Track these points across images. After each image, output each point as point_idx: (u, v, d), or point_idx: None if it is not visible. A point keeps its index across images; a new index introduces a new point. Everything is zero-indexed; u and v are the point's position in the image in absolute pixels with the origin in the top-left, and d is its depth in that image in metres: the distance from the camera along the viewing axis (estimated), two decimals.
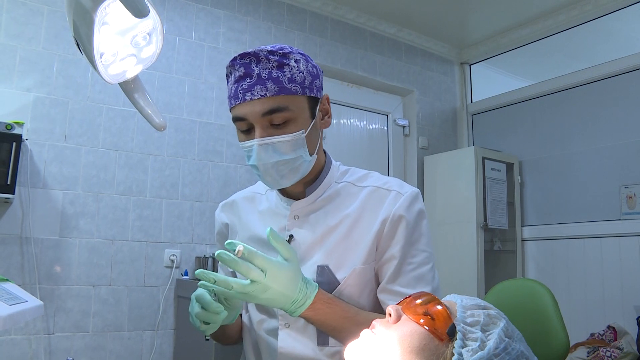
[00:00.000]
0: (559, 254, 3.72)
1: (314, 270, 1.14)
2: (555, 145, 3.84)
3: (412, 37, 4.29)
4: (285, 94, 1.08)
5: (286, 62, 1.10)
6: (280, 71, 1.09)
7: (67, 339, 2.66)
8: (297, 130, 1.10)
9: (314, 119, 1.15)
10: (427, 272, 1.14)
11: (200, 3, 3.29)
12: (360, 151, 3.98)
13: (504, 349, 0.72)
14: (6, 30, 2.66)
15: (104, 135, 2.87)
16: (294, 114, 1.10)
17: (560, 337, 1.43)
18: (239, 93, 1.09)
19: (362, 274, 1.14)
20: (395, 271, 1.13)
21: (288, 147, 1.10)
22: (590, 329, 3.16)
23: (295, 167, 1.12)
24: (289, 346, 1.15)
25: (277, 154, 1.09)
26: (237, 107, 1.11)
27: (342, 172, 1.26)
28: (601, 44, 3.89)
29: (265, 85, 1.07)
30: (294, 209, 1.21)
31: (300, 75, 1.11)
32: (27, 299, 1.13)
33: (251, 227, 1.26)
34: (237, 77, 1.11)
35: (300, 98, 1.11)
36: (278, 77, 1.08)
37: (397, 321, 0.77)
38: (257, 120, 1.09)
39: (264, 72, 1.08)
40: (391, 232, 1.14)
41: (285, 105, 1.08)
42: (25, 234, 2.60)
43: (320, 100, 1.18)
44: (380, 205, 1.17)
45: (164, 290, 2.95)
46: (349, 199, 1.20)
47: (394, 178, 1.25)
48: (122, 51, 0.96)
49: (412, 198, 1.17)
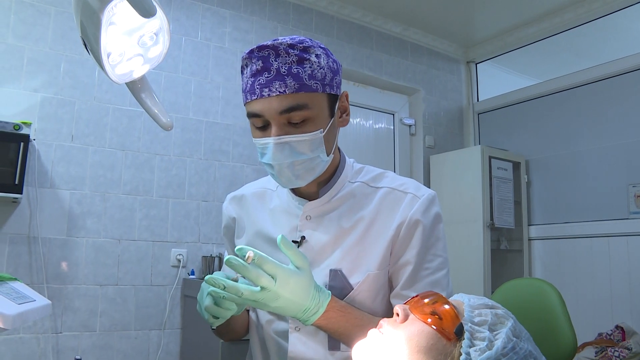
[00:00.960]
0: (566, 253, 3.70)
1: (327, 274, 1.11)
2: (562, 144, 3.82)
3: (418, 36, 4.28)
4: (305, 91, 1.02)
5: (307, 56, 1.04)
6: (300, 66, 1.03)
7: (75, 338, 2.67)
8: (315, 130, 1.05)
9: (332, 118, 1.10)
10: (443, 277, 1.11)
11: (206, 3, 3.29)
12: (367, 150, 3.98)
13: (512, 349, 0.72)
14: (14, 31, 2.67)
15: (111, 135, 2.88)
16: (313, 113, 1.04)
17: (567, 336, 1.43)
18: (256, 88, 1.03)
19: (376, 279, 1.10)
20: (411, 277, 1.09)
21: (306, 146, 1.04)
22: (598, 329, 3.14)
23: (311, 167, 1.07)
24: (299, 350, 1.12)
25: (293, 154, 1.04)
26: (253, 103, 1.05)
27: (356, 171, 1.21)
28: (608, 42, 3.87)
29: (285, 82, 1.01)
30: (307, 210, 1.16)
31: (321, 72, 1.05)
32: (36, 298, 1.13)
33: (260, 225, 1.23)
34: (254, 71, 1.04)
35: (320, 96, 1.05)
36: (298, 73, 1.02)
37: (404, 321, 0.76)
38: (274, 117, 1.03)
39: (284, 67, 1.02)
40: (407, 237, 1.10)
41: (304, 103, 1.02)
42: (33, 233, 2.61)
43: (340, 97, 1.12)
44: (396, 209, 1.13)
45: (171, 289, 2.95)
46: (363, 200, 1.16)
47: (410, 179, 1.21)
48: (129, 51, 0.97)
49: (429, 201, 1.13)
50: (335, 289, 1.09)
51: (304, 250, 1.14)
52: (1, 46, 2.63)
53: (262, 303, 0.95)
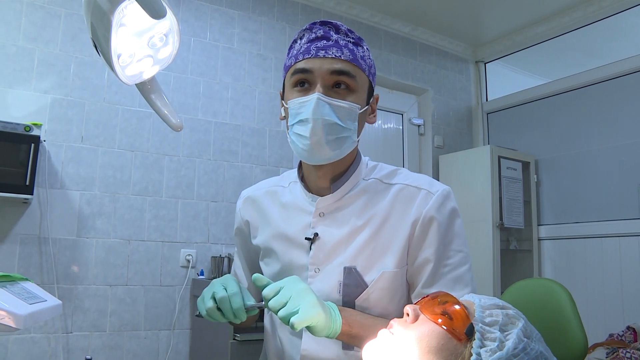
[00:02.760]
0: (576, 253, 3.68)
1: (341, 272, 1.10)
2: (572, 144, 3.80)
3: (426, 35, 4.27)
4: (357, 64, 1.10)
5: (361, 44, 1.13)
6: (355, 47, 1.11)
7: (85, 338, 2.68)
8: (355, 102, 1.09)
9: (367, 106, 1.14)
10: (465, 273, 1.09)
11: (215, 4, 3.30)
12: (376, 151, 3.97)
13: (523, 349, 0.72)
14: (25, 34, 2.69)
15: (120, 136, 2.90)
16: (357, 86, 1.10)
17: (578, 337, 1.42)
18: (312, 49, 1.09)
19: (394, 278, 1.09)
20: (432, 275, 1.08)
21: (344, 113, 1.07)
22: (609, 330, 3.12)
23: (341, 138, 1.08)
24: (312, 349, 1.11)
25: (332, 114, 1.06)
26: (305, 61, 1.09)
27: (370, 168, 1.21)
28: (618, 40, 3.84)
29: (342, 50, 1.09)
30: (320, 206, 1.15)
31: (369, 61, 1.14)
32: (47, 298, 1.14)
33: (275, 224, 1.22)
34: (312, 38, 1.11)
35: (365, 78, 1.13)
36: (354, 50, 1.10)
37: (415, 321, 0.76)
38: (324, 76, 1.07)
39: (342, 41, 1.10)
40: (423, 234, 1.09)
41: (354, 73, 1.09)
42: (43, 234, 2.63)
43: (374, 96, 1.18)
44: (410, 205, 1.12)
45: (180, 290, 2.96)
46: (377, 197, 1.15)
47: (424, 175, 1.21)
48: (139, 52, 0.97)
49: (443, 197, 1.13)
50: (350, 287, 1.09)
51: (317, 247, 1.13)
52: (12, 48, 2.65)
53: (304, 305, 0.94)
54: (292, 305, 0.93)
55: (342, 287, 1.09)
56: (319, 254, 1.13)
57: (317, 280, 1.11)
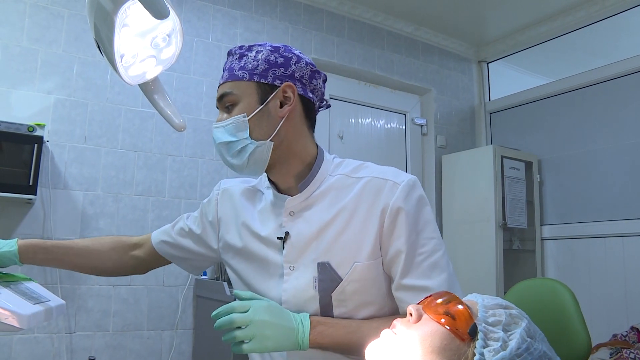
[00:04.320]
0: (580, 253, 3.67)
1: (315, 268, 1.12)
2: (575, 144, 3.79)
3: (429, 35, 4.27)
4: (232, 80, 1.16)
5: (246, 53, 1.18)
6: (237, 62, 1.18)
7: (88, 338, 2.69)
8: (239, 114, 1.14)
9: (262, 105, 1.14)
10: (440, 258, 1.11)
11: (218, 4, 3.30)
12: (378, 151, 3.97)
13: (526, 349, 0.72)
14: (28, 34, 2.70)
15: (123, 136, 2.90)
16: (237, 98, 1.15)
17: (581, 337, 1.42)
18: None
19: (367, 270, 1.11)
20: (406, 265, 1.09)
21: (231, 128, 1.14)
22: (613, 330, 3.11)
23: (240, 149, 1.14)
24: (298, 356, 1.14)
25: (223, 135, 1.15)
26: None
27: (336, 165, 1.23)
28: (622, 40, 3.83)
29: (222, 75, 1.19)
30: (289, 206, 1.19)
31: (253, 64, 1.16)
32: (50, 298, 1.14)
33: (249, 222, 1.25)
34: None
35: (246, 83, 1.15)
36: (233, 67, 1.17)
37: (417, 321, 0.76)
38: (217, 105, 1.19)
39: (227, 64, 1.20)
40: (392, 225, 1.11)
41: (230, 91, 1.15)
42: (47, 234, 2.63)
43: (279, 88, 1.15)
44: (377, 197, 1.13)
45: (183, 290, 2.97)
46: (344, 191, 1.17)
47: (390, 167, 1.22)
48: (142, 53, 0.97)
49: (409, 187, 1.14)
50: (325, 282, 1.11)
51: (290, 245, 1.16)
52: (15, 49, 2.66)
53: (258, 336, 1.01)
54: (248, 332, 1.02)
55: (317, 282, 1.12)
56: (292, 252, 1.16)
57: (293, 278, 1.14)
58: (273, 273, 1.18)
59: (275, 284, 1.17)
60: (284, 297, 1.15)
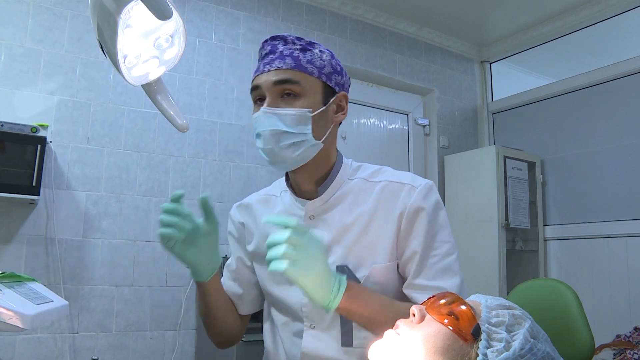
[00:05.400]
0: (583, 253, 3.66)
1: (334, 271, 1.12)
2: (578, 144, 3.78)
3: (431, 35, 4.27)
4: (300, 70, 1.13)
5: (310, 48, 1.17)
6: (302, 53, 1.15)
7: (91, 338, 2.69)
8: (303, 107, 1.12)
9: (325, 106, 1.16)
10: (453, 262, 1.13)
11: (220, 4, 3.30)
12: (381, 151, 3.97)
13: (530, 350, 0.72)
14: (31, 35, 2.70)
15: (126, 136, 2.91)
16: (303, 90, 1.13)
17: (584, 338, 1.41)
18: (260, 66, 1.16)
19: (385, 272, 1.13)
20: (419, 265, 1.11)
21: (291, 120, 1.11)
22: (616, 331, 3.10)
23: (295, 143, 1.12)
24: (312, 347, 1.14)
25: (278, 124, 1.11)
26: (256, 78, 1.16)
27: (354, 169, 1.25)
28: (625, 40, 3.82)
29: (284, 60, 1.13)
30: (309, 209, 1.20)
31: (321, 62, 1.16)
32: (53, 299, 1.14)
33: (267, 230, 1.22)
34: (262, 55, 1.18)
35: (315, 80, 1.15)
36: (298, 57, 1.14)
37: (421, 321, 0.76)
38: (269, 88, 1.13)
39: (287, 51, 1.15)
40: (409, 226, 1.13)
41: (297, 80, 1.12)
42: (50, 234, 2.64)
43: (338, 94, 1.19)
44: (395, 200, 1.16)
45: (186, 290, 2.97)
46: (362, 195, 1.19)
47: (407, 172, 1.24)
48: (145, 53, 0.97)
49: (427, 190, 1.16)
50: None
51: None
52: (19, 50, 2.66)
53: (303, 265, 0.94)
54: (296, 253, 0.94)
55: None
56: None
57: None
58: None
59: (295, 288, 1.14)
60: (304, 300, 1.15)
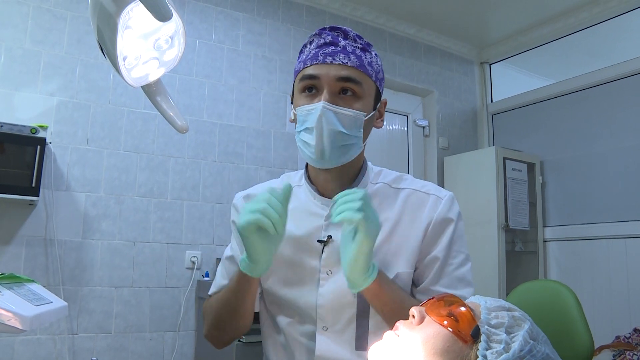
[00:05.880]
0: (582, 254, 3.66)
1: None
2: (578, 145, 3.78)
3: (431, 37, 4.27)
4: (363, 71, 1.11)
5: (369, 49, 1.15)
6: (363, 53, 1.12)
7: (90, 340, 2.69)
8: (360, 110, 1.10)
9: (373, 112, 1.16)
10: (467, 273, 1.15)
11: (220, 6, 3.31)
12: (380, 152, 3.97)
13: (529, 352, 0.71)
14: (31, 36, 2.70)
15: (126, 137, 2.91)
16: (363, 92, 1.11)
17: (584, 339, 1.41)
18: (320, 55, 1.11)
19: (407, 279, 1.13)
20: (438, 272, 1.12)
21: (349, 121, 1.08)
22: (616, 332, 3.10)
23: (346, 145, 1.10)
24: (327, 350, 1.12)
25: (336, 123, 1.07)
26: (313, 67, 1.10)
27: (376, 173, 1.24)
28: (624, 41, 3.82)
29: (349, 56, 1.10)
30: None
31: (377, 66, 1.15)
32: (52, 300, 1.14)
33: None
34: (321, 43, 1.12)
35: (372, 84, 1.14)
36: (361, 56, 1.11)
37: (420, 323, 0.76)
38: (331, 82, 1.08)
39: (350, 47, 1.11)
40: (435, 235, 1.14)
41: (360, 80, 1.10)
42: (49, 235, 2.64)
43: (382, 101, 1.20)
44: (420, 209, 1.16)
45: (185, 291, 2.97)
46: (386, 201, 1.18)
47: (427, 181, 1.25)
48: (145, 54, 0.97)
49: (451, 201, 1.18)
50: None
51: (330, 249, 1.13)
52: (18, 51, 2.66)
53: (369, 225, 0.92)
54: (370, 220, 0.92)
55: None
56: (332, 257, 1.13)
57: (330, 282, 1.12)
58: (307, 277, 1.15)
59: (310, 288, 1.14)
60: (319, 301, 1.12)
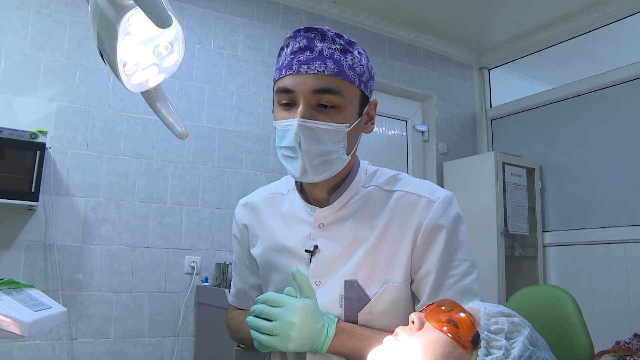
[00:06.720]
0: (582, 259, 3.66)
1: (342, 285, 1.06)
2: (577, 150, 3.79)
3: (430, 42, 4.28)
4: (343, 78, 1.00)
5: (350, 49, 1.04)
6: (343, 55, 1.02)
7: (89, 345, 2.68)
8: (342, 122, 1.01)
9: (360, 118, 1.07)
10: (472, 283, 1.05)
11: (220, 11, 3.31)
12: (380, 157, 3.97)
13: (529, 358, 0.71)
14: (31, 42, 2.71)
15: (125, 143, 2.91)
16: (344, 102, 1.01)
17: (584, 344, 1.41)
18: (294, 64, 1.01)
19: (398, 292, 1.05)
20: (435, 287, 1.03)
21: (329, 137, 1.00)
22: (616, 337, 3.10)
23: (328, 161, 1.02)
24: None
25: (315, 140, 0.99)
26: (287, 78, 1.01)
27: (370, 174, 1.16)
28: (622, 46, 3.84)
29: (325, 63, 0.99)
30: (319, 217, 1.11)
31: (360, 68, 1.04)
32: (51, 305, 1.14)
33: (274, 233, 1.18)
34: (295, 49, 1.02)
35: (355, 89, 1.03)
36: (340, 60, 1.01)
37: (420, 328, 0.76)
38: (306, 95, 0.99)
39: (327, 50, 1.01)
40: (425, 244, 1.05)
41: (339, 89, 1.00)
42: (48, 240, 2.63)
43: (370, 103, 1.10)
44: (410, 214, 1.07)
45: (185, 296, 2.96)
46: (377, 205, 1.10)
47: (426, 181, 1.15)
48: (145, 61, 0.97)
49: (445, 204, 1.08)
50: (352, 301, 1.06)
51: (318, 260, 1.10)
52: (19, 56, 2.67)
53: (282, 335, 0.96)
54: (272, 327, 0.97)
55: (343, 300, 1.06)
56: (320, 267, 1.09)
57: (319, 294, 1.05)
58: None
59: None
60: None
